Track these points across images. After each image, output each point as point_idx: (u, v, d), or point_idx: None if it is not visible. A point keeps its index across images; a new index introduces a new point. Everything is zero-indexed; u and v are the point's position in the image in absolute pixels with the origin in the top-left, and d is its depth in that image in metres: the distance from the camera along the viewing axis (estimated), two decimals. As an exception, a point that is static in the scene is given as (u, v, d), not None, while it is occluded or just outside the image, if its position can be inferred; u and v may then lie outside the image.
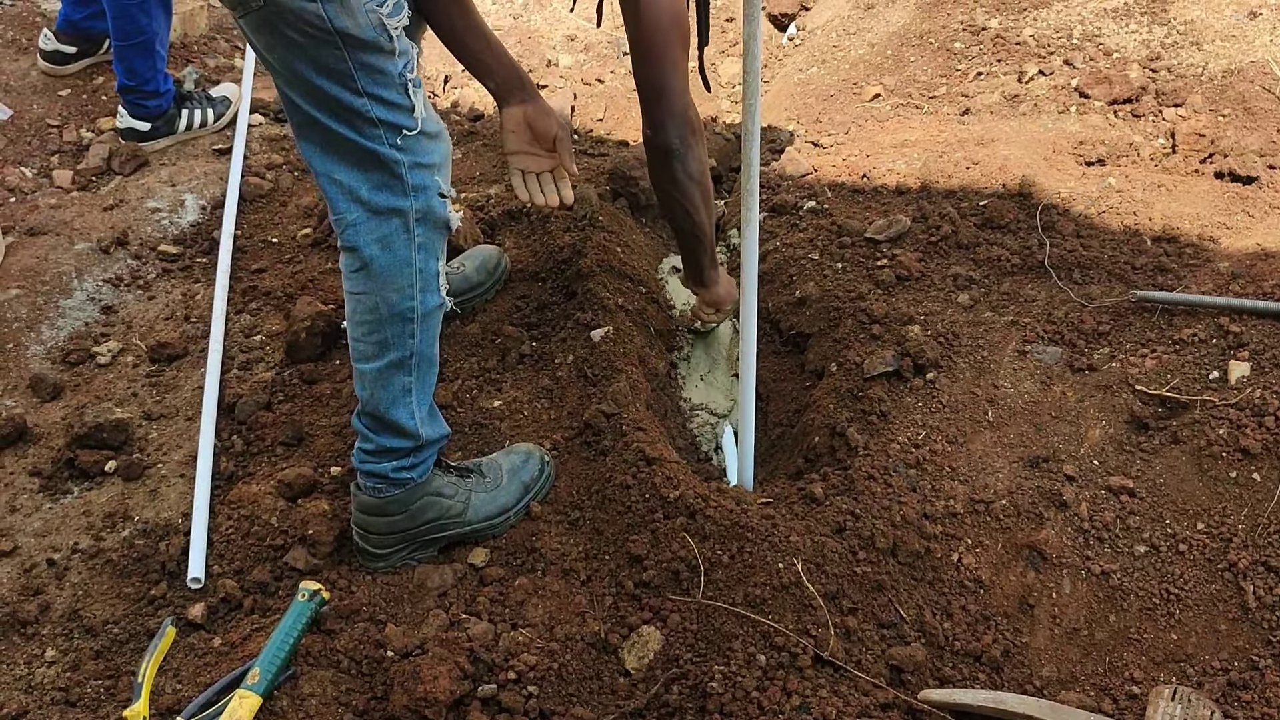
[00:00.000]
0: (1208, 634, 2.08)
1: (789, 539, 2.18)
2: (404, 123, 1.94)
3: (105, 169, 3.66)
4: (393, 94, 1.91)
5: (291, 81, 1.89)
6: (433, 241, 2.08)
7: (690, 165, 2.49)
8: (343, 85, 1.86)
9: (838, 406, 2.60)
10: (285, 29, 1.80)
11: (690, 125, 2.44)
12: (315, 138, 1.95)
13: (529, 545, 2.31)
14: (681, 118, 2.42)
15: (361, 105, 1.89)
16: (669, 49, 2.33)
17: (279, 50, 1.85)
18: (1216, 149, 3.28)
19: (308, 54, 1.83)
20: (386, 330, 2.09)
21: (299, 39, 1.80)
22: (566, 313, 2.88)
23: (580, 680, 2.06)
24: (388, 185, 1.98)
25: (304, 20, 1.77)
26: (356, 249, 2.02)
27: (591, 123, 4.15)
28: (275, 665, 1.96)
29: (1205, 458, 2.27)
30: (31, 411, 2.75)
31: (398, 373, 2.13)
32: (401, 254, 2.04)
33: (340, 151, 1.95)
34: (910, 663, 2.05)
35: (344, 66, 1.84)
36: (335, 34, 1.79)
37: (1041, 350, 2.63)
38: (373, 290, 2.05)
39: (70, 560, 2.38)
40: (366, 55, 1.84)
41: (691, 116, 2.44)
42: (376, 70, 1.87)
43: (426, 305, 2.10)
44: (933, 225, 3.07)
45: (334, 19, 1.77)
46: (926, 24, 4.25)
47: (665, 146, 2.45)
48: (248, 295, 3.14)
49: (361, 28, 1.80)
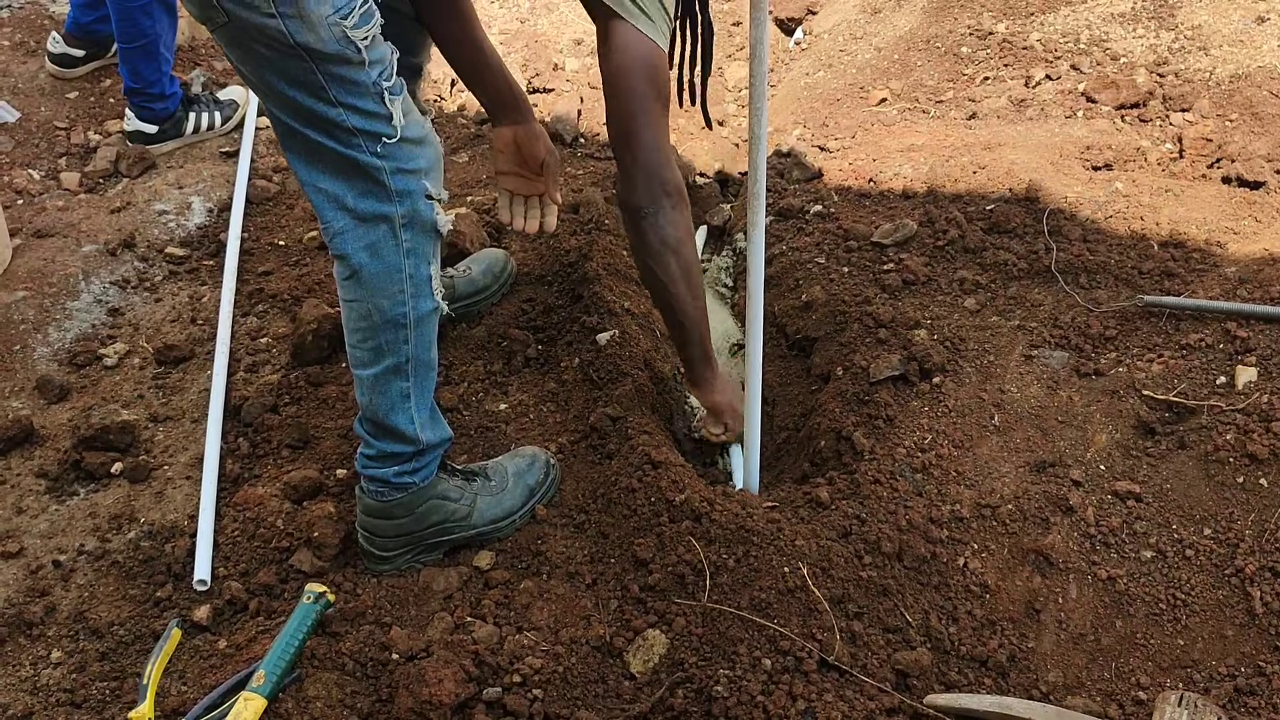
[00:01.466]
0: (1214, 640, 2.07)
1: (794, 543, 2.18)
2: (383, 130, 1.91)
3: (113, 171, 3.67)
4: (368, 103, 1.87)
5: (268, 94, 1.88)
6: (422, 246, 2.05)
7: (664, 230, 2.28)
8: (316, 97, 1.84)
9: (844, 410, 2.60)
10: (251, 44, 1.78)
11: (664, 185, 2.26)
12: (298, 148, 1.94)
13: (534, 548, 2.31)
14: (653, 174, 2.24)
15: (337, 115, 1.86)
16: (641, 100, 2.21)
17: (250, 63, 1.83)
18: (1224, 154, 3.28)
19: (276, 67, 1.81)
20: (380, 337, 2.08)
21: (266, 53, 1.79)
22: (572, 316, 2.88)
23: (585, 684, 2.06)
24: (372, 193, 1.96)
25: (266, 35, 1.75)
26: (346, 257, 2.01)
27: (598, 126, 4.15)
28: (280, 667, 1.96)
29: (1212, 463, 2.27)
30: (38, 413, 2.76)
31: (394, 378, 2.12)
32: (390, 260, 2.02)
33: (323, 161, 1.93)
34: (916, 667, 2.04)
35: (314, 79, 1.81)
36: (298, 47, 1.76)
37: (1048, 355, 2.62)
38: (364, 297, 2.04)
39: (76, 562, 2.38)
40: (334, 67, 1.81)
41: (666, 176, 2.26)
42: (348, 81, 1.84)
43: (419, 310, 2.08)
44: (939, 230, 3.07)
45: (295, 34, 1.74)
46: (933, 28, 4.25)
47: (634, 204, 2.27)
48: (254, 298, 3.15)
49: (324, 41, 1.77)
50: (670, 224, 2.28)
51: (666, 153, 2.26)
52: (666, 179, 2.26)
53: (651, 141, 2.23)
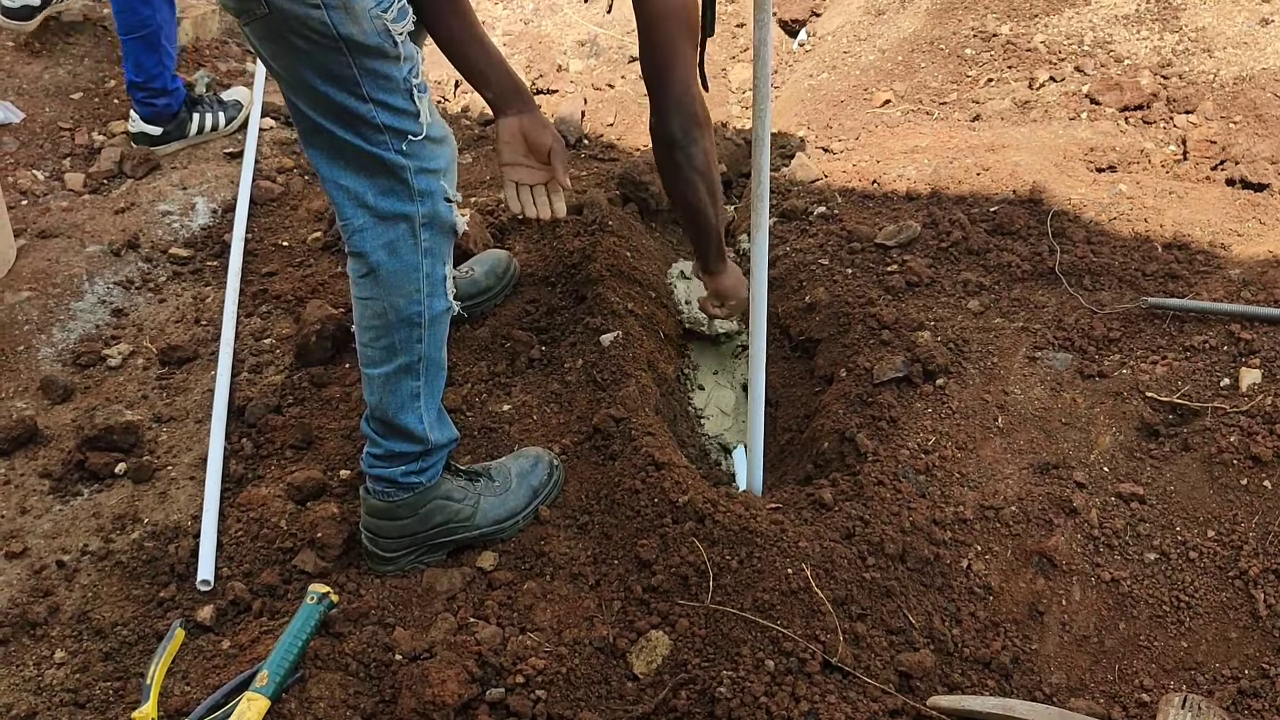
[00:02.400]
0: (1218, 642, 2.07)
1: (798, 544, 2.18)
2: (409, 128, 1.94)
3: (117, 172, 3.68)
4: (398, 99, 1.90)
5: (297, 88, 1.89)
6: (439, 246, 2.08)
7: (695, 158, 2.45)
8: (348, 91, 1.86)
9: (847, 412, 2.60)
10: (290, 36, 1.79)
11: (695, 117, 2.40)
12: (321, 144, 1.95)
13: (538, 549, 2.31)
14: (685, 108, 2.39)
15: (367, 111, 1.88)
16: (676, 39, 2.32)
17: (284, 57, 1.85)
18: (1228, 156, 3.28)
19: (313, 60, 1.82)
20: (394, 335, 2.09)
21: (304, 45, 1.80)
22: (576, 317, 2.88)
23: (588, 684, 2.06)
24: (394, 191, 1.98)
25: (308, 27, 1.77)
26: (363, 254, 2.02)
27: (602, 128, 4.15)
28: (284, 668, 1.96)
29: (1216, 465, 2.26)
30: (42, 413, 2.76)
31: (406, 377, 2.13)
32: (408, 259, 2.03)
33: (346, 158, 1.95)
34: (919, 669, 2.04)
35: (349, 73, 1.84)
36: (340, 40, 1.78)
37: (1052, 357, 2.62)
38: (380, 296, 2.05)
39: (80, 562, 2.38)
40: (371, 61, 1.84)
41: (697, 109, 2.41)
42: (382, 76, 1.87)
43: (434, 310, 2.10)
44: (943, 231, 3.07)
45: (339, 25, 1.77)
46: (937, 30, 4.25)
47: (668, 137, 2.43)
48: (258, 299, 3.15)
49: (366, 34, 1.80)
50: (701, 152, 2.45)
51: (696, 88, 2.41)
52: (697, 111, 2.40)
53: (684, 76, 2.36)
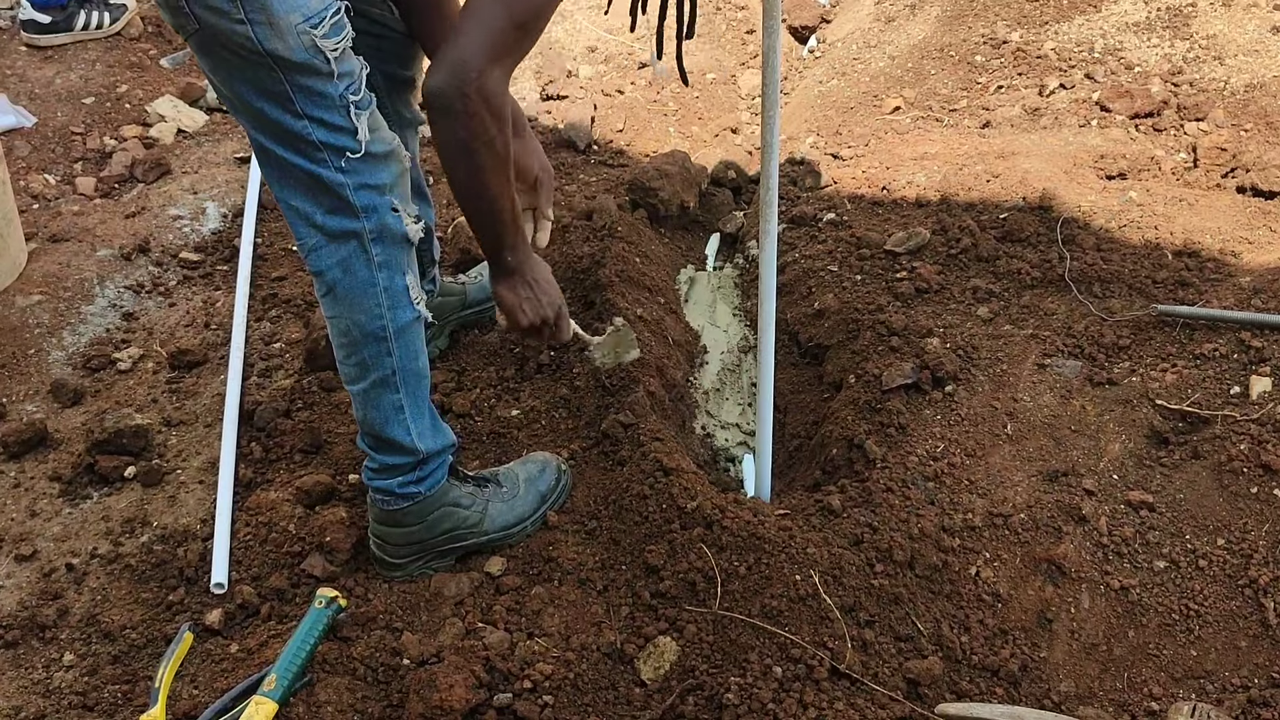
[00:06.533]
0: (1228, 650, 2.06)
1: (806, 550, 2.17)
2: (347, 145, 1.89)
3: (128, 176, 3.69)
4: (334, 116, 1.87)
5: (237, 106, 1.88)
6: (395, 258, 2.03)
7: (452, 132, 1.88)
8: (282, 108, 1.83)
9: (856, 418, 2.59)
10: (222, 52, 1.78)
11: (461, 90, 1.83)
12: (270, 164, 1.94)
13: (546, 554, 2.31)
14: (459, 71, 1.82)
15: (302, 128, 1.85)
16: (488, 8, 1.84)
17: (221, 72, 1.84)
18: (1238, 163, 3.27)
19: (246, 76, 1.81)
20: (363, 351, 2.07)
21: (236, 62, 1.79)
22: (585, 323, 2.88)
23: (596, 690, 2.06)
24: (338, 209, 1.95)
25: (235, 42, 1.75)
26: (321, 273, 2.01)
27: (611, 134, 4.16)
28: (292, 672, 1.96)
29: (1226, 473, 2.26)
30: (52, 417, 2.77)
31: (384, 391, 2.11)
32: (362, 275, 2.01)
33: (292, 178, 1.93)
34: (927, 676, 2.04)
35: (281, 88, 1.81)
36: (266, 55, 1.76)
37: (1061, 364, 2.62)
38: (342, 313, 2.04)
39: (89, 565, 2.39)
40: (302, 77, 1.81)
41: (485, 84, 1.84)
42: (315, 92, 1.83)
43: (399, 322, 2.07)
44: (952, 238, 3.07)
45: (264, 41, 1.74)
46: (947, 37, 4.25)
47: (424, 94, 1.88)
48: (268, 303, 3.16)
49: (293, 49, 1.76)
50: (463, 129, 1.88)
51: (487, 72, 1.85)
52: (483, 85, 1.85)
53: (473, 48, 1.84)
